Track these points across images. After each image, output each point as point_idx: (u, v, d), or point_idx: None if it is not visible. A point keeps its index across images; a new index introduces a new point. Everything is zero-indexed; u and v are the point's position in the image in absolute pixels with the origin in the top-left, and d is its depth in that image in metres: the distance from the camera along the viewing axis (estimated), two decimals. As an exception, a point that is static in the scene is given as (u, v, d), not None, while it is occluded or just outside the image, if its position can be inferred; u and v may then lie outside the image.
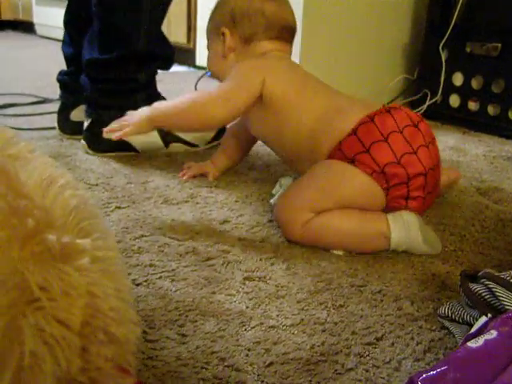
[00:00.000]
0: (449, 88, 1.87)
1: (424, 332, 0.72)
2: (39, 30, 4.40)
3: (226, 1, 1.12)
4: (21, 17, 4.61)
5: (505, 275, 0.69)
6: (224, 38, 1.11)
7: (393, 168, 0.91)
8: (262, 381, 0.61)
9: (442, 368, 0.54)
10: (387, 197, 0.92)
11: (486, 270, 0.71)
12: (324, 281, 0.82)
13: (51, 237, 0.38)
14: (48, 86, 2.19)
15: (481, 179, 1.32)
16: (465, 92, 1.84)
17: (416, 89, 1.99)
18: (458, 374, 0.54)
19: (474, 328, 0.64)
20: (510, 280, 0.68)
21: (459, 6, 1.78)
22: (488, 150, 1.58)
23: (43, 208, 0.39)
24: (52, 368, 0.36)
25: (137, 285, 0.79)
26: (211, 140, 1.42)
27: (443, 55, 1.84)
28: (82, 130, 1.39)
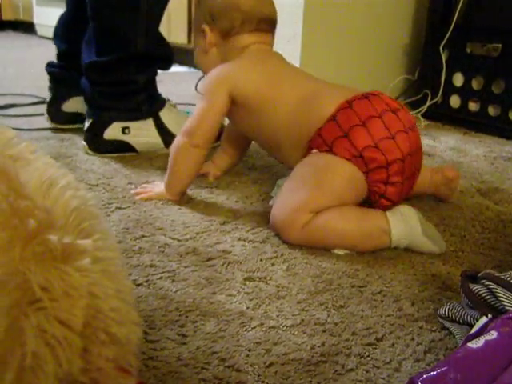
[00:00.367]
0: (449, 88, 1.87)
1: (424, 333, 0.72)
2: (40, 31, 4.40)
3: None
4: (21, 17, 4.62)
5: (505, 276, 0.69)
6: (204, 35, 1.13)
7: (371, 152, 0.93)
8: (263, 381, 0.61)
9: (443, 368, 0.54)
10: (367, 180, 0.94)
11: (487, 271, 0.71)
12: (324, 281, 0.82)
13: (52, 237, 0.38)
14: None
15: (481, 180, 1.32)
16: (465, 92, 1.84)
17: (417, 89, 1.99)
18: (459, 375, 0.54)
19: (475, 329, 0.64)
20: (511, 281, 0.68)
21: (459, 7, 1.78)
22: (488, 151, 1.58)
23: (44, 209, 0.39)
24: (53, 368, 0.36)
25: (137, 285, 0.79)
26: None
27: (444, 56, 1.84)
28: (76, 120, 1.47)
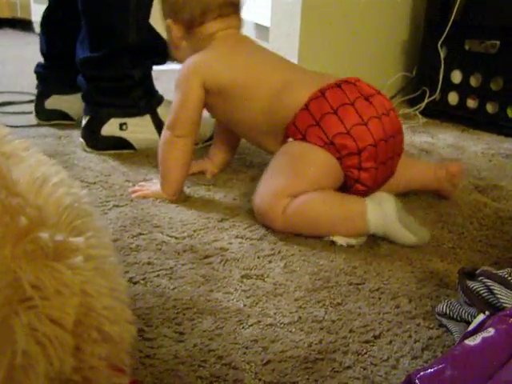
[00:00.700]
0: (447, 86, 1.87)
1: (422, 330, 0.72)
2: (37, 28, 4.39)
3: None
4: (19, 15, 4.60)
5: (503, 273, 0.69)
6: (170, 30, 1.13)
7: (341, 139, 0.94)
8: (260, 379, 0.61)
9: (440, 366, 0.54)
10: (341, 166, 0.96)
11: (484, 268, 0.71)
12: (322, 279, 0.82)
13: (44, 235, 0.38)
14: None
15: (479, 177, 1.32)
16: (463, 90, 1.84)
17: (415, 86, 1.98)
18: (456, 372, 0.54)
19: (472, 326, 0.63)
20: (508, 278, 0.68)
21: (458, 4, 1.77)
22: (487, 148, 1.58)
23: (36, 206, 0.39)
24: (45, 367, 0.36)
25: (134, 283, 0.78)
26: (208, 139, 1.42)
27: (442, 53, 1.84)
28: (57, 117, 1.55)
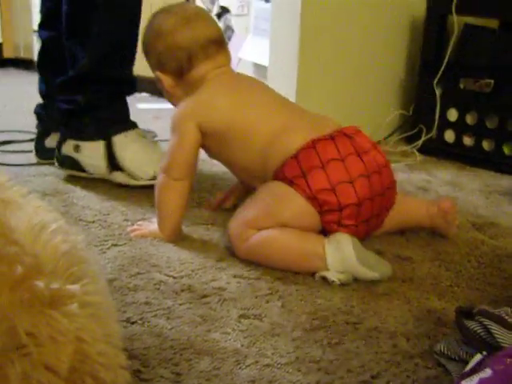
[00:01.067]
0: (444, 123, 1.89)
1: (420, 370, 0.71)
2: (39, 68, 4.45)
3: (147, 46, 1.16)
4: (22, 55, 4.68)
5: (500, 312, 0.69)
6: (161, 80, 1.14)
7: (324, 195, 0.96)
8: (257, 421, 0.61)
9: (437, 407, 0.54)
10: (321, 219, 0.97)
11: (481, 307, 0.71)
12: (319, 318, 0.82)
13: (40, 283, 0.38)
14: (47, 123, 2.21)
15: (477, 214, 1.32)
16: (460, 127, 1.86)
17: (412, 124, 2.00)
18: (453, 414, 0.54)
19: (469, 366, 0.63)
20: (505, 317, 0.68)
21: (452, 44, 1.81)
22: (484, 185, 1.59)
23: (33, 254, 0.40)
24: (39, 414, 0.36)
25: (132, 323, 0.79)
26: (153, 177, 1.33)
27: (437, 91, 1.86)
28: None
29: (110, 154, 1.39)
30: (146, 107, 2.36)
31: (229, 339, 0.76)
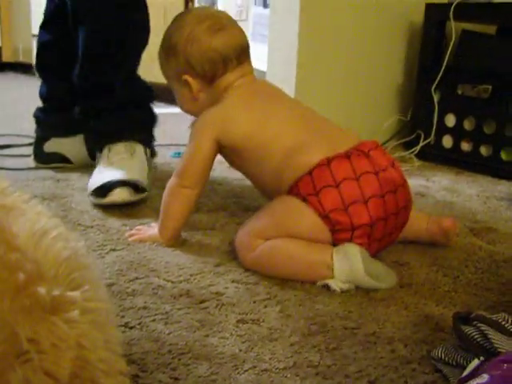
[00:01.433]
0: (442, 129, 1.90)
1: (417, 375, 0.72)
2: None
3: (176, 47, 1.10)
4: (21, 59, 4.69)
5: (497, 317, 0.70)
6: (189, 85, 1.10)
7: (337, 215, 0.94)
8: (255, 426, 0.61)
9: (434, 412, 0.54)
10: (333, 236, 0.96)
11: (478, 313, 0.71)
12: (317, 323, 0.82)
13: (41, 290, 0.38)
14: (46, 128, 2.21)
15: (474, 220, 1.33)
16: (457, 133, 1.86)
17: (410, 130, 2.02)
18: (450, 419, 0.54)
19: (467, 371, 0.64)
20: (502, 322, 0.69)
21: (450, 50, 1.82)
22: (481, 190, 1.60)
23: (34, 260, 0.40)
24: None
25: (130, 328, 0.79)
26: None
27: (435, 97, 1.87)
28: (55, 160, 1.61)
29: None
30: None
31: (227, 344, 0.76)
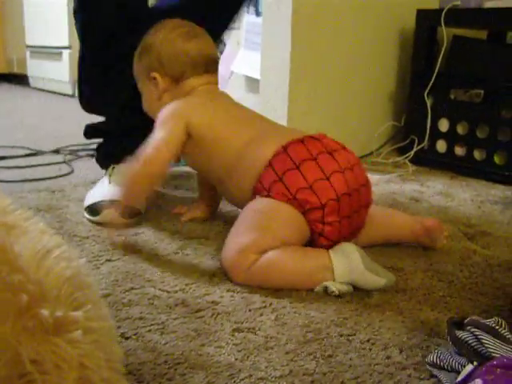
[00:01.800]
0: (435, 134, 1.91)
1: (413, 381, 0.72)
2: (33, 83, 4.46)
3: (150, 46, 1.19)
4: (15, 70, 4.69)
5: (490, 322, 0.70)
6: (156, 82, 1.17)
7: (304, 194, 0.97)
8: None
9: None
10: (306, 218, 0.98)
11: (472, 317, 0.71)
12: (313, 331, 0.82)
13: (44, 311, 0.39)
14: (41, 139, 2.22)
15: (469, 224, 1.33)
16: (451, 137, 1.87)
17: (403, 135, 2.02)
18: (445, 424, 0.54)
19: (461, 376, 0.64)
20: (496, 327, 0.69)
21: (441, 55, 1.83)
22: (475, 195, 1.60)
23: (37, 281, 0.40)
24: None
25: (126, 338, 0.79)
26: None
27: (428, 102, 1.88)
28: None
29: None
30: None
31: (223, 353, 0.76)
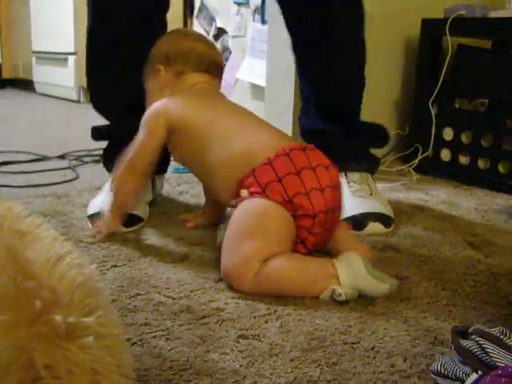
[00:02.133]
0: (440, 143, 1.91)
1: (417, 389, 0.72)
2: (38, 88, 4.48)
3: (160, 46, 1.25)
4: (21, 75, 4.72)
5: (495, 331, 0.70)
6: (159, 74, 1.22)
7: (300, 199, 0.98)
8: None
9: (433, 427, 0.55)
10: (295, 222, 0.99)
11: (476, 326, 0.72)
12: (317, 338, 0.83)
13: (57, 317, 0.40)
14: (46, 144, 2.23)
15: (473, 233, 1.33)
16: (455, 146, 1.88)
17: (408, 144, 2.03)
18: (449, 433, 0.54)
19: (465, 385, 0.64)
20: (501, 336, 0.69)
21: (446, 64, 1.83)
22: (479, 204, 1.61)
23: (50, 287, 0.41)
24: None
25: (132, 344, 0.79)
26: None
27: (433, 111, 1.89)
28: None
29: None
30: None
31: (228, 360, 0.76)
